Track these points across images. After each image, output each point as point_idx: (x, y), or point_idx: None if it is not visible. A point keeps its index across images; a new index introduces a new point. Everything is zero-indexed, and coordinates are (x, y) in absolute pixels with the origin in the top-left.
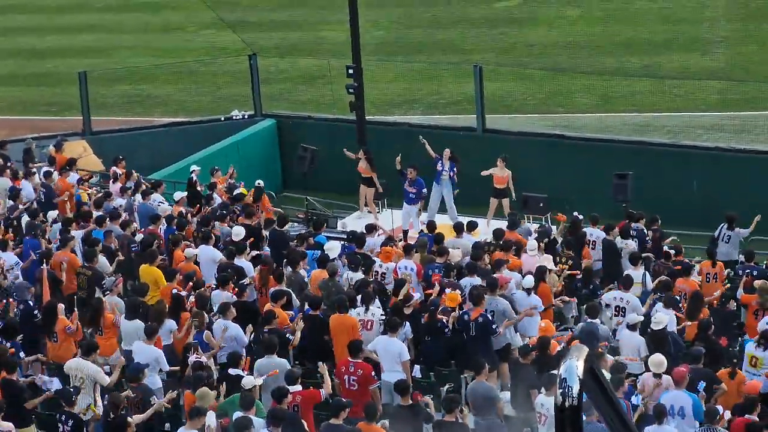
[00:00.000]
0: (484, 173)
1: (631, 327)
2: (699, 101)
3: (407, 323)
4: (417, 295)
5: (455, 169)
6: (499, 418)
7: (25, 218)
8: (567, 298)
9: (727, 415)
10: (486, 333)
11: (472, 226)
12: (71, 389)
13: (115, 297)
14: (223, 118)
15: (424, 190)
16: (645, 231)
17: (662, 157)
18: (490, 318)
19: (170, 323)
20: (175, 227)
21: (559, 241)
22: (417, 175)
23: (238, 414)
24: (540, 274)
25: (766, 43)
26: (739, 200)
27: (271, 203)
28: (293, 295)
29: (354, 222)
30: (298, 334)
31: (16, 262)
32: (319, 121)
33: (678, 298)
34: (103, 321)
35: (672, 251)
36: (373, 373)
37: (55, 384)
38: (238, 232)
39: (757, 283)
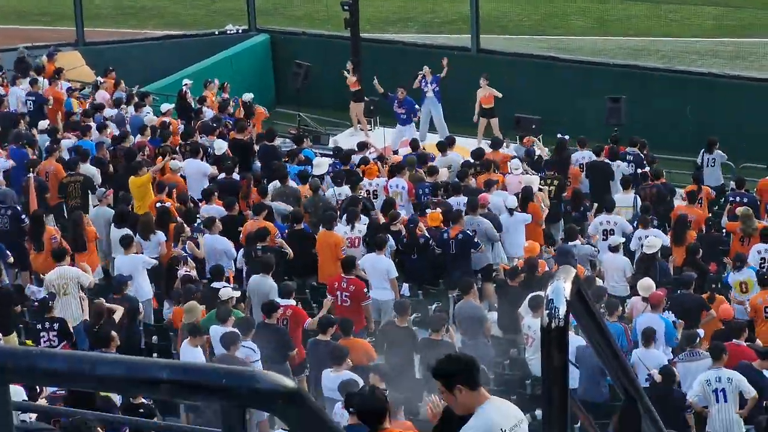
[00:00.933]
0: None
1: (613, 249)
2: (694, 26)
3: (389, 237)
4: (403, 213)
5: (438, 80)
6: (486, 339)
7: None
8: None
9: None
10: (466, 249)
11: (450, 142)
12: (47, 296)
13: (104, 208)
14: (216, 33)
15: (417, 107)
16: (641, 155)
17: (656, 82)
18: (470, 234)
19: (159, 235)
20: (159, 138)
21: (544, 159)
22: (406, 94)
23: (215, 328)
24: (527, 193)
25: None
26: (732, 127)
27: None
28: (281, 208)
29: (346, 139)
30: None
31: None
32: (313, 37)
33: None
34: (85, 236)
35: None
36: (365, 290)
37: (44, 294)
38: (220, 146)
39: (739, 209)
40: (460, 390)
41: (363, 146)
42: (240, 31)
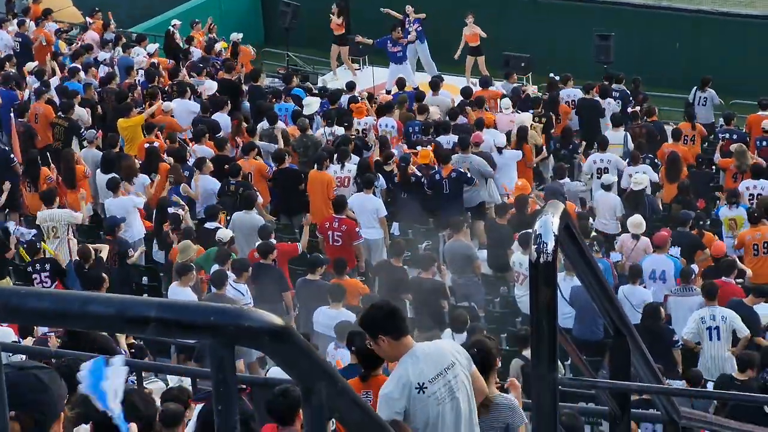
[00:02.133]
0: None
1: (606, 187)
2: None
3: (380, 176)
4: (396, 152)
5: (420, 21)
6: (477, 277)
7: None
8: (546, 158)
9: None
10: (460, 188)
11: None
12: (34, 238)
13: (93, 150)
14: None
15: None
16: (627, 92)
17: (645, 18)
18: (462, 171)
19: (143, 178)
20: (146, 80)
21: (532, 97)
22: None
23: (215, 268)
24: (523, 133)
25: None
26: (721, 63)
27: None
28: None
29: (335, 79)
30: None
31: None
32: None
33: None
34: (75, 171)
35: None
36: (357, 229)
37: (32, 236)
38: (210, 86)
39: (734, 146)
40: (383, 340)
41: (352, 86)
42: None
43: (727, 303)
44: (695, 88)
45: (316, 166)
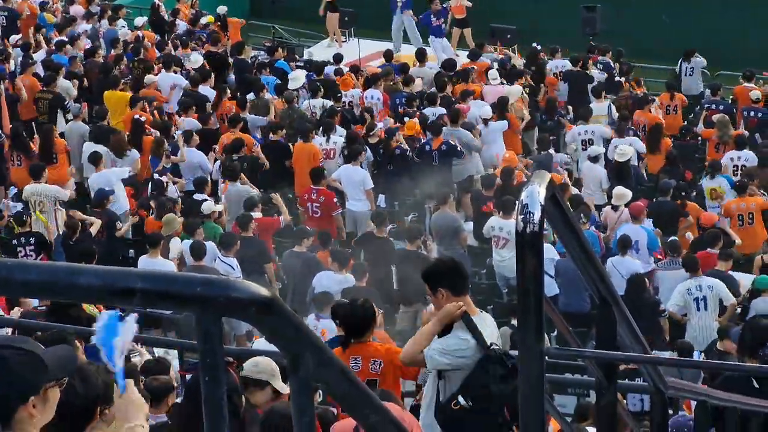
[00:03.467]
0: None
1: (593, 159)
2: None
3: (367, 148)
4: (380, 125)
5: None
6: (463, 249)
7: None
8: (532, 130)
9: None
10: (449, 160)
11: (422, 54)
12: (21, 210)
13: (80, 123)
14: None
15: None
16: (611, 63)
17: None
18: (452, 143)
19: (133, 152)
20: (132, 52)
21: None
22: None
23: (185, 241)
24: (502, 104)
25: None
26: (708, 34)
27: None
28: (257, 119)
29: (322, 51)
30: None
31: None
32: None
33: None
34: (55, 148)
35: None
36: (335, 200)
37: (19, 208)
38: (196, 59)
39: (716, 117)
40: (442, 294)
41: (339, 58)
42: None
43: (708, 273)
44: (681, 59)
45: (301, 138)
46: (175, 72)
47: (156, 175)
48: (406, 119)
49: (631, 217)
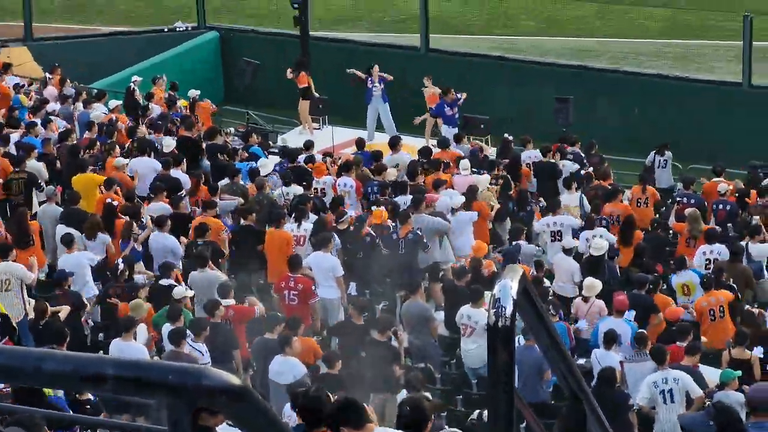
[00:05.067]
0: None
1: (567, 251)
2: (643, 28)
3: (335, 235)
4: (351, 212)
5: (384, 80)
6: (434, 339)
7: None
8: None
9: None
10: (416, 250)
11: (395, 142)
12: None
13: (53, 206)
14: (166, 29)
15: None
16: (581, 154)
17: (604, 83)
18: (419, 233)
19: (103, 236)
20: (105, 135)
21: (490, 159)
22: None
23: (166, 326)
24: (471, 193)
25: None
26: (679, 128)
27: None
28: (228, 205)
29: (295, 137)
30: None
31: None
32: (262, 35)
33: (608, 221)
34: (29, 231)
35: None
36: (313, 287)
37: None
38: (168, 144)
39: (688, 210)
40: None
41: (310, 145)
42: (189, 28)
43: (672, 366)
44: (653, 151)
45: (273, 224)
46: (149, 156)
47: (120, 262)
48: (374, 208)
49: (615, 312)
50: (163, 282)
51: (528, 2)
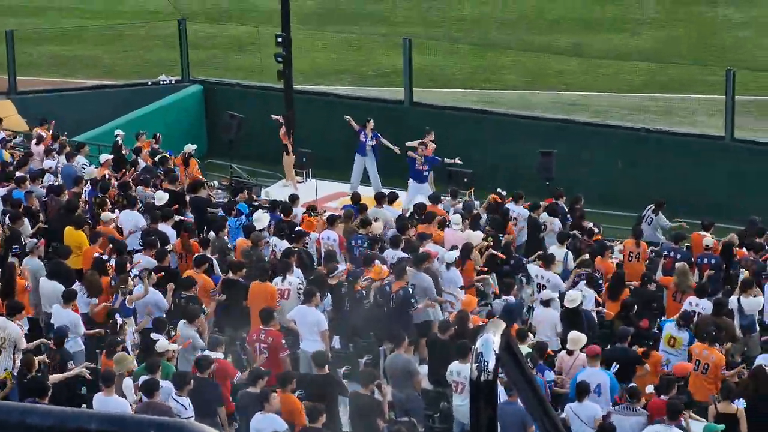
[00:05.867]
0: (409, 144)
1: (545, 303)
2: (626, 82)
3: (329, 294)
4: (342, 267)
5: (378, 137)
6: (417, 392)
7: None
8: (487, 277)
9: (649, 389)
10: (405, 306)
11: (393, 198)
12: None
13: (35, 259)
14: (150, 83)
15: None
16: (565, 208)
17: (587, 136)
18: (410, 291)
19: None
20: (98, 190)
21: (483, 218)
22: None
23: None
24: (466, 251)
25: (694, 26)
26: (662, 182)
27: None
28: (215, 261)
29: (279, 191)
30: (212, 307)
31: None
32: (246, 88)
33: (596, 275)
34: (16, 286)
35: (595, 229)
36: (283, 341)
37: None
38: (161, 197)
39: (678, 265)
40: None
41: (294, 199)
42: (173, 82)
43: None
44: (650, 206)
45: (258, 278)
46: (139, 211)
47: (118, 317)
48: (377, 263)
49: (589, 361)
50: (153, 336)
51: (512, 57)
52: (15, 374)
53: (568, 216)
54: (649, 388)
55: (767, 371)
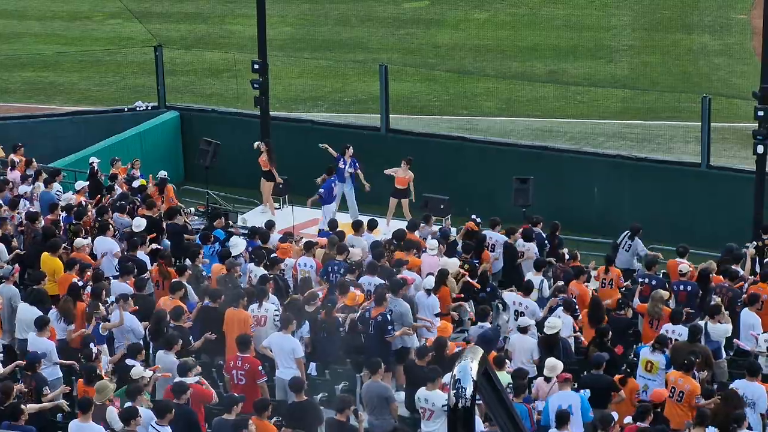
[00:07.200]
0: (387, 172)
1: (522, 330)
2: (602, 109)
3: (306, 322)
4: (320, 293)
5: (356, 166)
6: (394, 419)
7: None
8: (464, 304)
9: (627, 419)
10: (382, 333)
11: (372, 225)
12: None
13: (10, 286)
14: (126, 109)
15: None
16: (543, 235)
17: (564, 163)
18: (388, 318)
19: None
20: (73, 217)
21: (459, 244)
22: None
23: (128, 404)
24: (442, 276)
25: (670, 53)
26: (638, 208)
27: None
28: (189, 287)
29: (256, 217)
30: (199, 343)
31: None
32: (222, 114)
33: (574, 301)
34: None
35: (568, 256)
36: (260, 368)
37: None
38: (139, 224)
39: (659, 292)
40: None
41: (271, 225)
42: (150, 108)
43: None
44: (627, 232)
45: (232, 304)
46: (114, 237)
47: (93, 346)
48: (351, 289)
49: (560, 384)
50: (128, 362)
51: (488, 84)
52: None
53: (546, 243)
54: (628, 419)
55: (738, 394)
